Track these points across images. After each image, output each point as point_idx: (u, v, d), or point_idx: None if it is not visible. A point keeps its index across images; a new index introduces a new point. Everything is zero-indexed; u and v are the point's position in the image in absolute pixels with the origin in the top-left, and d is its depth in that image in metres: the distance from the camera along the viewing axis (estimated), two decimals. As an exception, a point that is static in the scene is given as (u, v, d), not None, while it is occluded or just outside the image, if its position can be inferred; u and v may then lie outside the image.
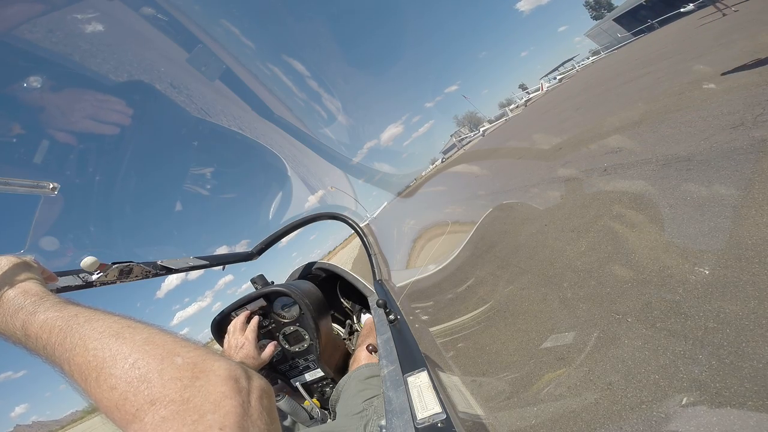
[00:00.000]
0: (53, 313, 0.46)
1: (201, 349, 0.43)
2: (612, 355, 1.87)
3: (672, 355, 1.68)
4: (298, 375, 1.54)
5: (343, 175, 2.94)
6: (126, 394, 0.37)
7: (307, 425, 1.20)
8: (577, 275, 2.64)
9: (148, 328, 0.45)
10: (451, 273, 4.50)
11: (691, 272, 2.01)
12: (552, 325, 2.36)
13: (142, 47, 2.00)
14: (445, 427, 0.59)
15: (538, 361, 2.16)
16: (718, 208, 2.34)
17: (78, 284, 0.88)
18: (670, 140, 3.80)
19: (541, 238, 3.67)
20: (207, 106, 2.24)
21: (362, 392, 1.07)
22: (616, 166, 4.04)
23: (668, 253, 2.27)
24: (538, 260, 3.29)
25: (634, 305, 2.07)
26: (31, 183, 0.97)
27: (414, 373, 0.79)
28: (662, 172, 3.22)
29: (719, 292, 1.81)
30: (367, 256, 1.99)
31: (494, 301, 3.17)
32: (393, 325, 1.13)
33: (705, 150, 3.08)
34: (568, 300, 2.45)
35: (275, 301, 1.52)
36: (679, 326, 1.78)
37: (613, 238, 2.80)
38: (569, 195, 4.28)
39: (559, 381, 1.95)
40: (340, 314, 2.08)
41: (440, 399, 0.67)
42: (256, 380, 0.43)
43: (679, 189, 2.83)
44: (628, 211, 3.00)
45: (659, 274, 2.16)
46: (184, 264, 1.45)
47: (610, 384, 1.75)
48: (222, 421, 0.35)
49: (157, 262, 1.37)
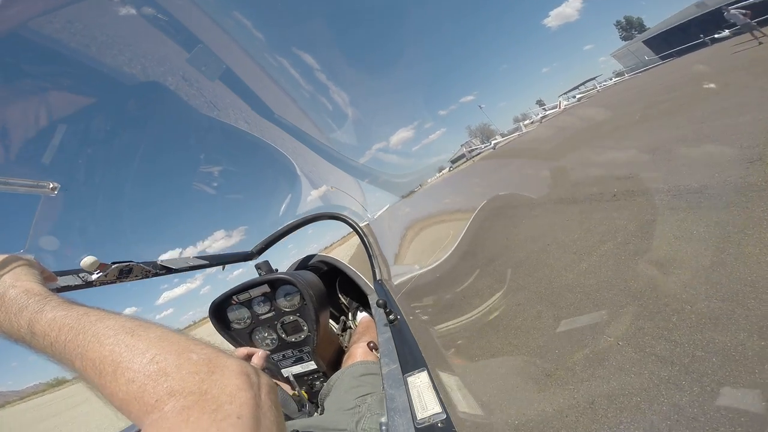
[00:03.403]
0: (61, 311, 0.47)
1: (212, 348, 0.46)
2: (598, 375, 1.91)
3: (657, 379, 1.72)
4: (291, 365, 1.53)
5: (347, 175, 2.94)
6: (145, 386, 0.39)
7: (294, 417, 1.20)
8: (575, 296, 2.67)
9: (160, 327, 0.47)
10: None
11: (687, 302, 2.06)
12: (543, 342, 2.39)
13: (151, 47, 2.00)
14: (445, 427, 0.59)
15: (525, 375, 2.18)
16: (722, 243, 2.35)
17: (78, 284, 0.88)
18: (683, 170, 3.80)
19: (543, 256, 3.67)
20: (220, 105, 2.25)
21: (356, 389, 1.07)
22: (627, 192, 4.03)
23: (666, 282, 2.29)
24: (537, 277, 3.31)
25: (626, 329, 2.12)
26: (32, 183, 0.97)
27: (414, 373, 0.79)
28: (672, 202, 3.23)
29: (712, 323, 1.85)
30: (368, 256, 1.99)
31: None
32: (393, 325, 1.13)
33: (717, 183, 3.10)
34: (562, 318, 2.49)
35: (279, 288, 1.51)
36: (667, 353, 1.82)
37: (615, 263, 2.81)
38: (574, 217, 4.26)
39: (543, 397, 1.97)
40: (336, 310, 2.08)
41: (440, 399, 0.67)
42: (264, 377, 0.45)
43: (686, 220, 2.83)
44: (633, 239, 3.02)
45: (656, 302, 2.19)
46: (184, 264, 1.45)
47: (592, 403, 1.78)
48: (239, 411, 0.38)
49: (156, 262, 1.37)
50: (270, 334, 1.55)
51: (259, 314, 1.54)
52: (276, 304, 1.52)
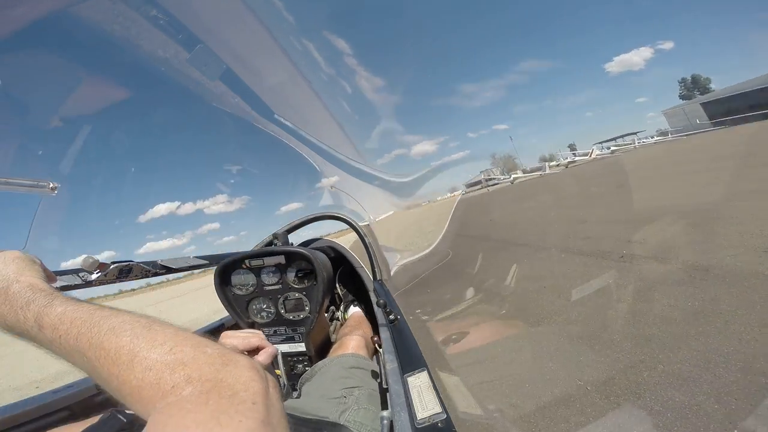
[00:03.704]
0: (71, 306, 0.50)
1: (221, 345, 0.49)
2: (560, 415, 1.99)
3: (614, 426, 1.82)
4: (279, 343, 1.47)
5: (355, 177, 2.93)
6: (162, 374, 0.42)
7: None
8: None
9: (172, 325, 0.50)
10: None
11: (660, 362, 2.18)
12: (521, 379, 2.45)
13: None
14: (445, 427, 0.59)
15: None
16: (714, 323, 2.40)
17: (77, 283, 0.88)
18: (697, 246, 3.86)
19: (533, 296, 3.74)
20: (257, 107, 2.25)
21: (344, 379, 1.05)
22: (634, 256, 4.07)
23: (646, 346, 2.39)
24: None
25: (599, 377, 2.22)
26: (32, 182, 0.97)
27: (414, 373, 0.79)
28: (675, 275, 3.28)
29: (678, 383, 1.96)
30: (368, 256, 1.99)
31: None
32: (393, 325, 1.13)
33: (728, 265, 3.18)
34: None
35: (293, 263, 1.47)
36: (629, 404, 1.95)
37: (602, 323, 2.89)
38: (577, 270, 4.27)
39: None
40: (330, 299, 2.04)
41: (440, 399, 0.67)
42: (269, 374, 0.49)
43: (683, 294, 2.89)
44: (628, 298, 3.10)
45: (632, 359, 2.30)
46: (184, 263, 1.45)
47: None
48: (253, 398, 0.41)
49: (157, 261, 1.37)
50: (269, 306, 1.51)
51: (265, 284, 1.49)
52: (285, 278, 1.48)
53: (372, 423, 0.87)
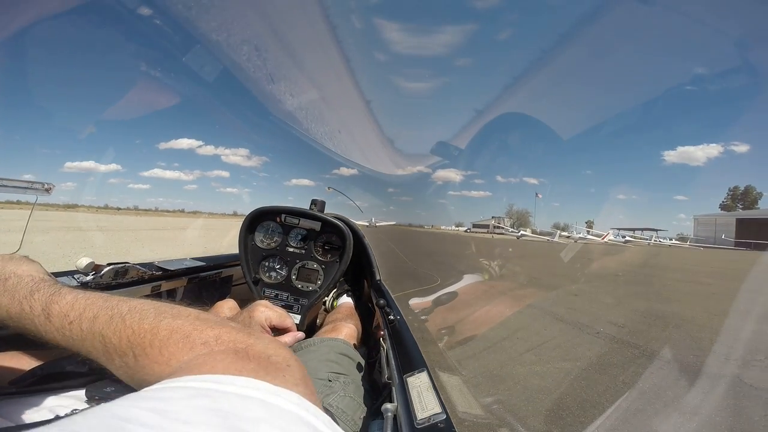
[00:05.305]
0: (80, 294, 0.50)
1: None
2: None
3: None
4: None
5: (372, 178, 2.90)
6: (191, 333, 0.43)
7: None
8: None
9: (188, 308, 0.51)
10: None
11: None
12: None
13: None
14: (445, 427, 0.59)
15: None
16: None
17: (73, 285, 0.87)
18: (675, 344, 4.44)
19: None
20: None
21: (332, 363, 1.02)
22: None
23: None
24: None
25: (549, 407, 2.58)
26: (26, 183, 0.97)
27: (414, 374, 0.78)
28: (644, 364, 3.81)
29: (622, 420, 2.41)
30: (368, 256, 1.98)
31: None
32: (392, 325, 1.13)
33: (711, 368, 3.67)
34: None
35: (325, 234, 1.43)
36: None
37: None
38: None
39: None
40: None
41: (440, 399, 0.66)
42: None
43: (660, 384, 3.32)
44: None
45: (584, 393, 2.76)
46: (180, 265, 1.44)
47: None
48: (287, 361, 0.43)
49: (153, 263, 1.37)
50: (282, 269, 1.44)
51: (289, 245, 1.43)
52: (311, 246, 1.42)
53: (354, 413, 0.85)
